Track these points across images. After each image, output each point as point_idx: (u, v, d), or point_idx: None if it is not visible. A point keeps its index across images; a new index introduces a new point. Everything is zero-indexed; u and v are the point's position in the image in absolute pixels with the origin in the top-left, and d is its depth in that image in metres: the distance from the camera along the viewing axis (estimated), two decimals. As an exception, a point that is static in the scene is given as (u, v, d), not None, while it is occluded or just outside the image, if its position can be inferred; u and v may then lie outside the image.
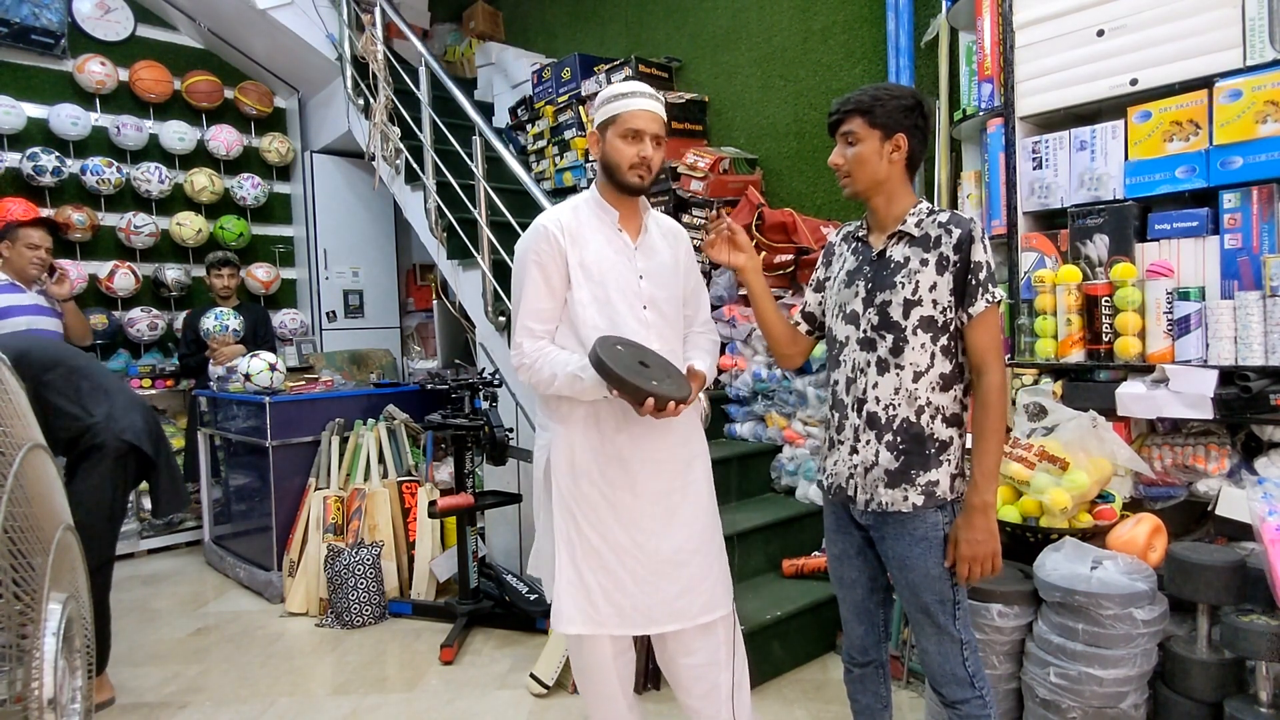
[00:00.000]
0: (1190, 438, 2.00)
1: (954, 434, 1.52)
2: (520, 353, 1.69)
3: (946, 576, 1.49)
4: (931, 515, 1.49)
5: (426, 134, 3.71)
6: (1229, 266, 1.90)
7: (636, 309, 1.71)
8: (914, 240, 1.51)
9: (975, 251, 1.46)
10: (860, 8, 3.29)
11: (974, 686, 1.52)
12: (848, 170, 1.54)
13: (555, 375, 1.64)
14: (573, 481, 1.69)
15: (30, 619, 0.95)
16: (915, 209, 1.53)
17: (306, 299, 5.12)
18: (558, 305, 1.69)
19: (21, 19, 4.10)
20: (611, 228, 1.74)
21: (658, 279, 1.76)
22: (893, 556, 1.54)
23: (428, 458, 3.65)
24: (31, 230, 3.18)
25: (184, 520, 4.34)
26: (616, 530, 1.68)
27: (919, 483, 1.49)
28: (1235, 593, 1.65)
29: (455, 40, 5.72)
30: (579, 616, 1.68)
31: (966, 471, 1.53)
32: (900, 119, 1.49)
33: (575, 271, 1.68)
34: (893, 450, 1.51)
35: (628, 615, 1.69)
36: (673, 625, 1.71)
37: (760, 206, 3.25)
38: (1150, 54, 2.03)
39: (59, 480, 1.21)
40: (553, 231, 1.67)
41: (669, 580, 1.70)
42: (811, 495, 3.07)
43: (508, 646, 2.89)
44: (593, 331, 1.65)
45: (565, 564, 1.69)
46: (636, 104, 1.67)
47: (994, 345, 1.47)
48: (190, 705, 2.53)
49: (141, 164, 4.48)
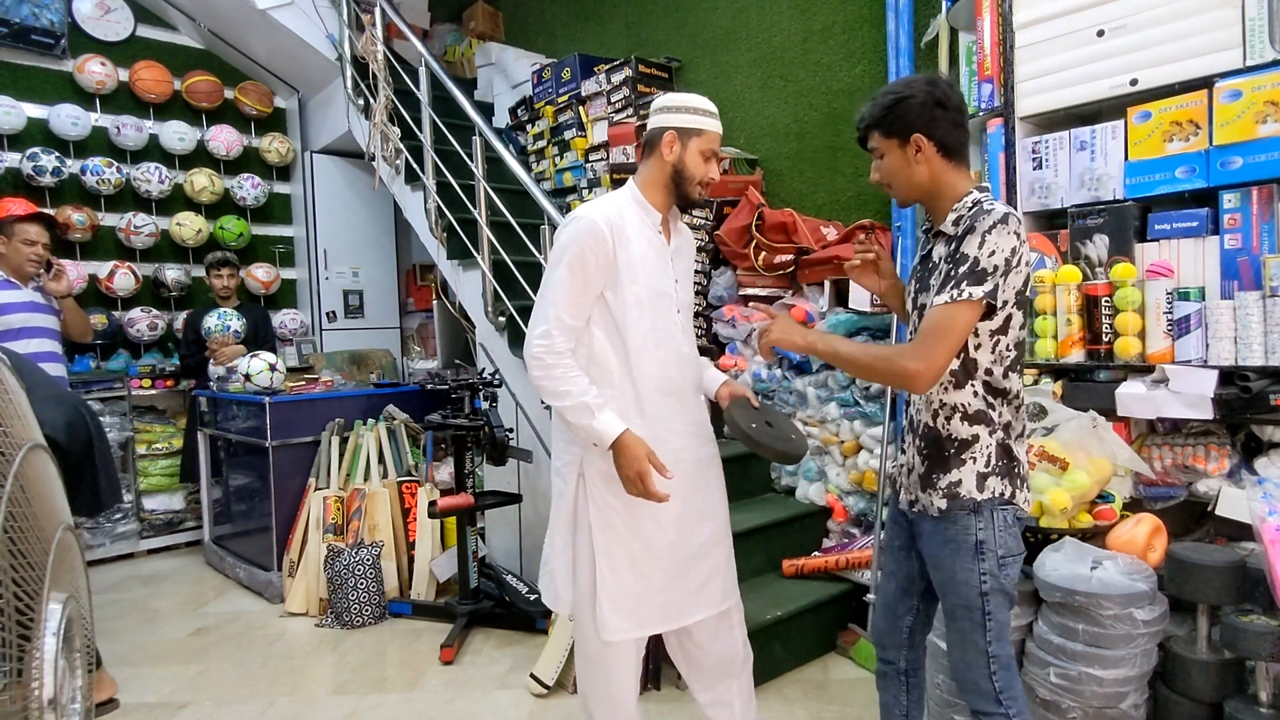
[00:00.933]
0: (1190, 438, 2.00)
1: (979, 430, 1.44)
2: (549, 346, 1.62)
3: (975, 584, 1.44)
4: (964, 519, 1.44)
5: (426, 134, 3.71)
6: (1229, 267, 1.90)
7: (671, 312, 1.74)
8: (948, 238, 1.44)
9: (968, 243, 1.37)
10: (860, 8, 3.29)
11: (1000, 703, 1.45)
12: (887, 183, 1.52)
13: (569, 392, 1.60)
14: (610, 492, 1.69)
15: (30, 619, 0.95)
16: (960, 204, 1.44)
17: (306, 299, 5.12)
18: (590, 301, 1.67)
19: (21, 19, 4.10)
20: (653, 229, 1.74)
21: (685, 284, 1.81)
22: (927, 556, 1.53)
23: (428, 458, 3.65)
24: (28, 225, 3.11)
25: (183, 520, 4.34)
26: (655, 533, 1.72)
27: (940, 486, 1.47)
28: (1235, 593, 1.65)
29: (455, 40, 5.73)
30: (625, 624, 1.70)
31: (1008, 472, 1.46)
32: (912, 119, 1.43)
33: (622, 270, 1.66)
34: (920, 455, 1.51)
35: (666, 612, 1.74)
36: (700, 614, 1.77)
37: (760, 207, 3.25)
38: (1150, 54, 2.03)
39: (59, 480, 1.21)
40: (601, 228, 1.64)
41: (695, 572, 1.76)
42: (811, 495, 3.07)
43: (508, 646, 2.89)
44: (636, 332, 1.67)
45: (606, 573, 1.70)
46: (718, 127, 1.73)
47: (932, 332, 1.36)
48: (190, 705, 2.53)
49: (141, 164, 4.48)
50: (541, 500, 3.27)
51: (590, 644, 1.75)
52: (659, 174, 1.71)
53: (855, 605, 2.75)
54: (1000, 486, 1.45)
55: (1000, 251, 1.36)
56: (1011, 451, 1.47)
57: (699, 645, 1.84)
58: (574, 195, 4.33)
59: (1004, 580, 1.45)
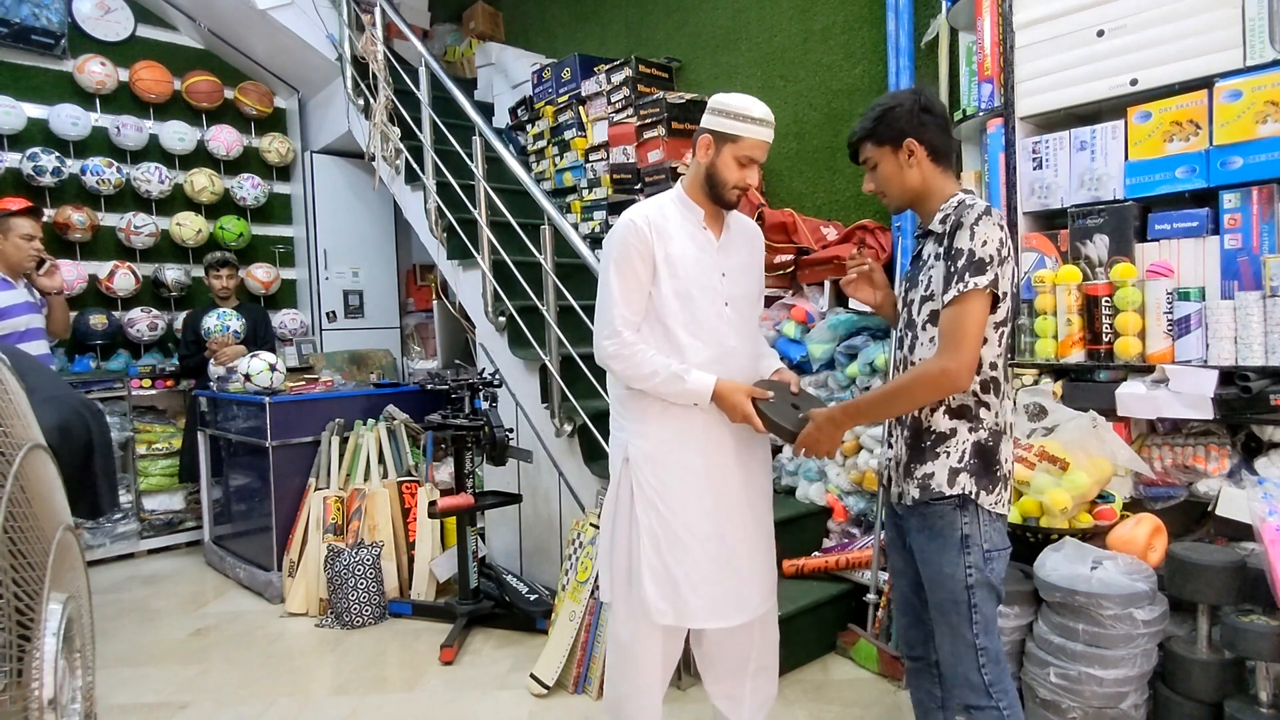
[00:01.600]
0: (1190, 438, 2.00)
1: (958, 426, 1.48)
2: (620, 342, 1.72)
3: (961, 578, 1.47)
4: (948, 513, 1.48)
5: (426, 134, 3.71)
6: (1229, 267, 1.90)
7: (718, 305, 1.77)
8: (937, 237, 1.51)
9: (959, 238, 1.42)
10: (860, 8, 3.29)
11: (990, 696, 1.47)
12: (882, 191, 1.59)
13: (656, 371, 1.69)
14: (653, 472, 1.74)
15: (30, 619, 0.95)
16: (946, 204, 1.52)
17: (306, 299, 5.11)
18: (644, 297, 1.75)
19: (22, 19, 4.10)
20: (696, 225, 1.79)
21: (737, 277, 1.82)
22: (915, 550, 1.56)
23: (428, 458, 3.65)
24: (23, 220, 3.03)
25: (183, 520, 4.34)
26: (700, 519, 1.73)
27: (915, 475, 1.51)
28: (1235, 593, 1.65)
29: (455, 40, 5.72)
30: (668, 608, 1.72)
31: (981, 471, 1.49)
32: (903, 126, 1.51)
33: (660, 266, 1.73)
34: (905, 444, 1.55)
35: (711, 606, 1.73)
36: (741, 618, 1.76)
37: (760, 207, 3.25)
38: (1150, 54, 2.03)
39: (59, 480, 1.21)
40: (640, 226, 1.73)
41: (733, 572, 1.76)
42: (811, 495, 3.07)
43: (508, 647, 2.89)
44: (676, 324, 1.73)
45: (649, 553, 1.73)
46: (761, 133, 1.72)
47: (953, 330, 1.41)
48: (190, 705, 2.53)
49: (141, 164, 4.47)
50: (541, 500, 3.27)
51: (622, 632, 1.78)
52: (696, 174, 1.78)
53: (855, 605, 2.75)
54: (969, 485, 1.47)
55: (991, 241, 1.41)
56: (992, 453, 1.49)
57: (716, 642, 1.85)
58: (574, 195, 4.34)
59: (989, 574, 1.48)
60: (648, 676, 1.79)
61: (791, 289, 3.26)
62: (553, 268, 2.98)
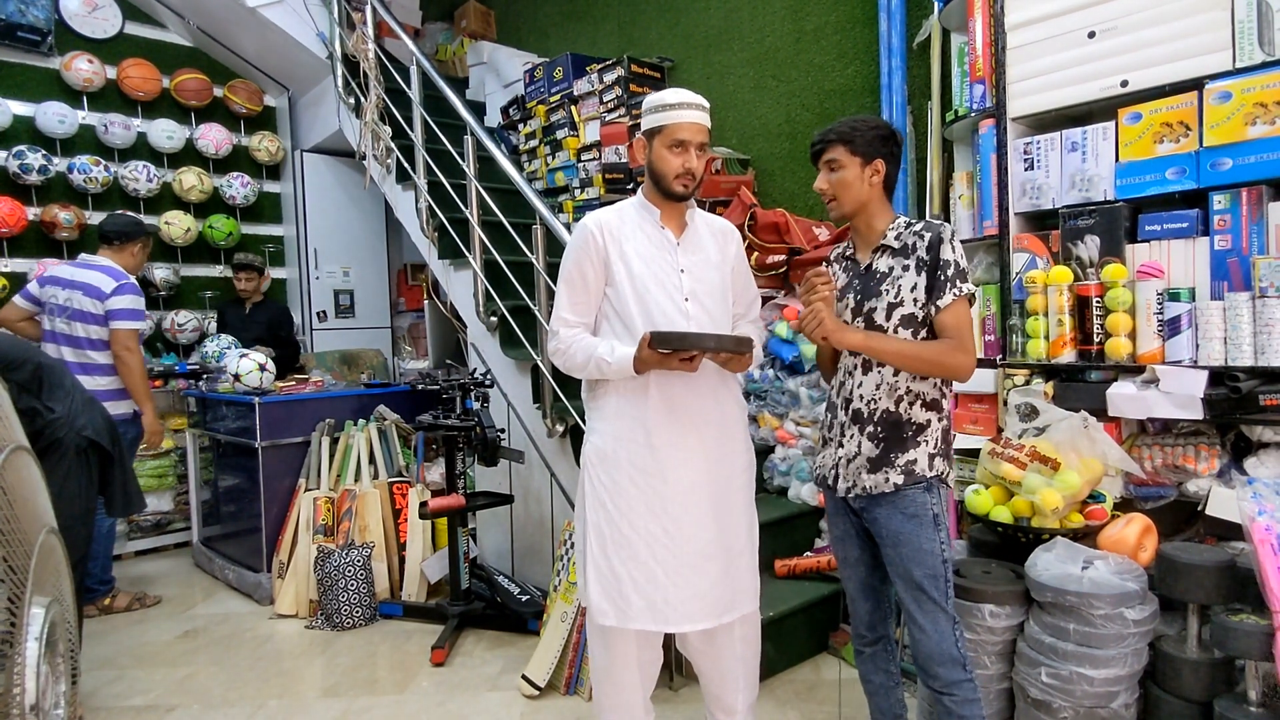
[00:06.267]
0: (1180, 438, 2.01)
1: (932, 417, 1.64)
2: (556, 339, 1.79)
3: (938, 553, 1.60)
4: (920, 496, 1.61)
5: (418, 133, 3.70)
6: (1219, 267, 1.91)
7: (677, 300, 1.77)
8: (895, 252, 1.65)
9: (944, 251, 1.59)
10: (852, 9, 3.29)
11: (965, 669, 1.59)
12: (833, 194, 1.69)
13: (589, 358, 1.73)
14: (604, 470, 1.74)
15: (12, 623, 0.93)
16: (894, 224, 1.68)
17: (297, 299, 5.09)
18: (592, 299, 1.80)
19: (7, 15, 4.06)
20: (653, 225, 1.82)
21: (699, 273, 1.82)
22: (886, 534, 1.64)
23: (419, 458, 3.64)
24: None
25: (172, 521, 4.30)
26: (647, 519, 1.71)
27: (898, 464, 1.62)
28: (1225, 592, 1.66)
29: (447, 39, 5.71)
30: (610, 608, 1.70)
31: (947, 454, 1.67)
32: (878, 146, 1.64)
33: (616, 264, 1.77)
34: (874, 440, 1.64)
35: (659, 610, 1.69)
36: (701, 624, 1.73)
37: (752, 207, 3.25)
38: (1141, 56, 2.04)
39: (42, 482, 1.20)
40: (591, 230, 1.78)
41: (699, 574, 1.72)
42: (804, 495, 3.07)
43: (499, 648, 2.88)
44: (635, 320, 1.75)
45: (596, 552, 1.72)
46: (683, 116, 1.72)
47: (959, 325, 1.58)
48: (178, 708, 2.51)
49: (129, 162, 4.44)
50: (533, 501, 3.26)
51: (591, 627, 1.78)
52: (646, 178, 1.84)
53: (847, 605, 2.75)
54: (943, 466, 1.66)
55: (962, 253, 1.62)
56: (951, 438, 1.70)
57: (696, 651, 1.84)
58: (566, 195, 4.32)
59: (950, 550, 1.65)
60: (623, 683, 1.77)
61: (784, 289, 3.26)
62: (544, 267, 2.96)
